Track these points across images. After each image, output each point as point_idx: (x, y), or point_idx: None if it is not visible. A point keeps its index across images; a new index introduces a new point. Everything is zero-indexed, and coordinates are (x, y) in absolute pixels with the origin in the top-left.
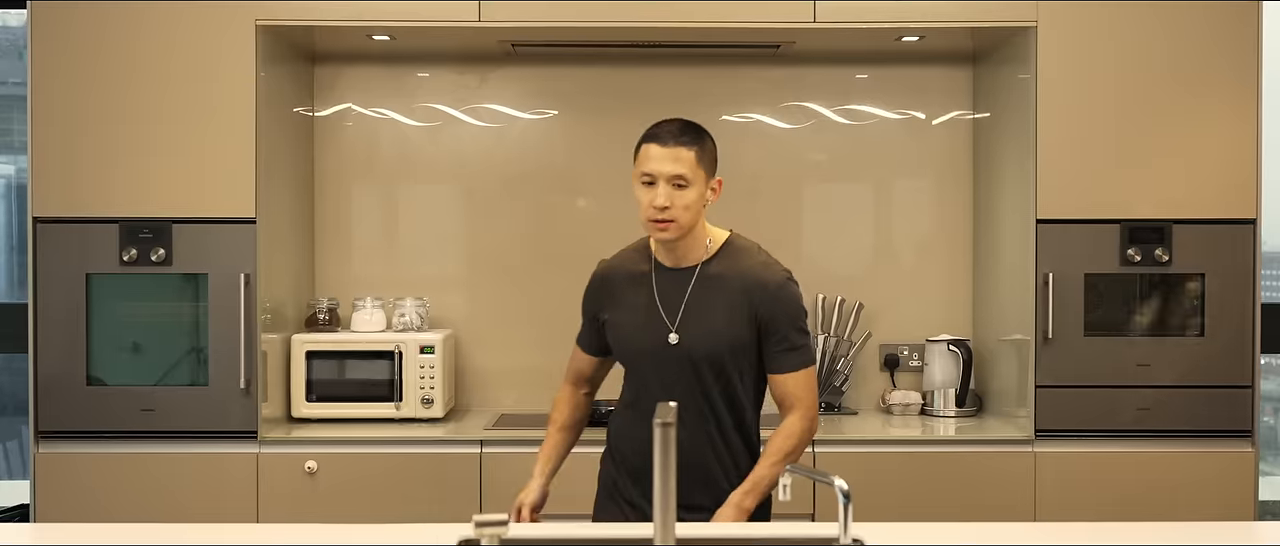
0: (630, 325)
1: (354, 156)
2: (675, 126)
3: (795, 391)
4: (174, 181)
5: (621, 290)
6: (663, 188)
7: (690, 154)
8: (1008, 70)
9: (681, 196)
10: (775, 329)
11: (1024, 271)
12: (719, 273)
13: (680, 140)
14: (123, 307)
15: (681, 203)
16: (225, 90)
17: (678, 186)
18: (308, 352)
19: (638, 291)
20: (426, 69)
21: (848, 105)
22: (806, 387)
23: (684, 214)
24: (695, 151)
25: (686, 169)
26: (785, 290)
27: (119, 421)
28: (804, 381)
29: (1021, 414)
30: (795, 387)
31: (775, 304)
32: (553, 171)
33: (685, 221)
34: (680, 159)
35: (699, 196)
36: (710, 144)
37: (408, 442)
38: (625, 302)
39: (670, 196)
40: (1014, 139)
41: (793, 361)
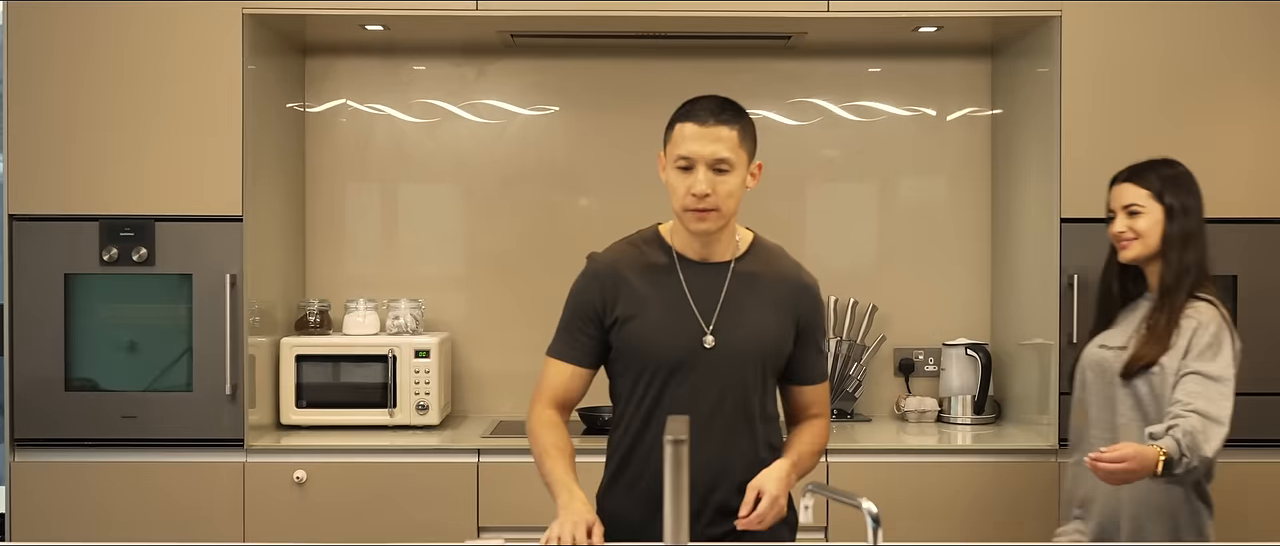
0: (652, 323)
1: (347, 152)
2: (713, 103)
3: (821, 399)
4: (157, 178)
5: (638, 282)
6: (702, 172)
7: (732, 133)
8: (1027, 63)
9: (723, 182)
10: (812, 336)
11: (1047, 272)
12: (755, 271)
13: (720, 118)
14: (103, 309)
15: (724, 189)
16: (211, 82)
17: (718, 171)
18: (297, 356)
19: (661, 287)
20: (422, 61)
21: (858, 101)
22: (828, 399)
23: (727, 201)
24: (737, 131)
25: (728, 150)
26: (816, 291)
27: (99, 428)
28: (825, 390)
29: (1043, 421)
30: (820, 397)
31: (815, 310)
32: (553, 169)
33: (728, 209)
34: (721, 139)
35: (741, 182)
36: (750, 123)
37: (402, 451)
38: (646, 299)
39: (711, 182)
40: (1036, 134)
41: (822, 369)
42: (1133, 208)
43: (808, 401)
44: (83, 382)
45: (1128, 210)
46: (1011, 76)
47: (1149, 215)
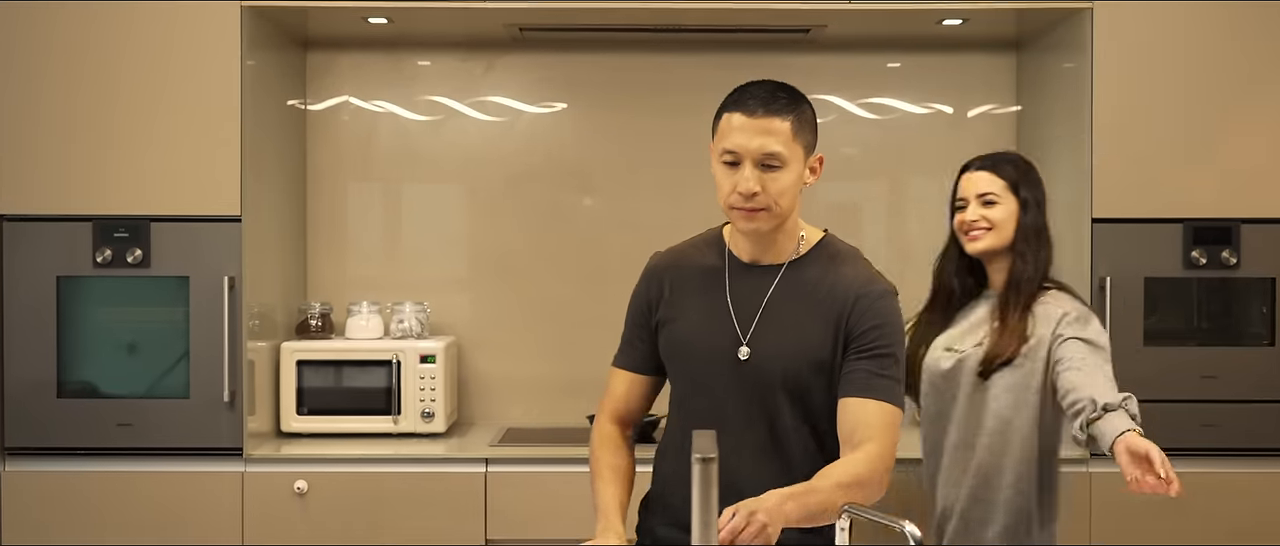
0: (688, 329)
1: (350, 151)
2: (764, 90)
3: (872, 423)
4: (153, 176)
5: (686, 285)
6: (750, 169)
7: (785, 125)
8: (1053, 58)
9: (775, 179)
10: (864, 343)
11: (1077, 275)
12: (809, 278)
13: (770, 108)
14: (97, 313)
15: (776, 187)
16: (209, 77)
17: (769, 167)
18: (298, 362)
19: (706, 289)
20: (427, 56)
21: (876, 97)
22: (887, 426)
23: (779, 199)
24: (791, 121)
25: (781, 144)
26: (885, 302)
27: (93, 436)
28: (886, 416)
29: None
30: (870, 419)
31: (869, 314)
32: (562, 168)
33: (781, 209)
34: (772, 131)
35: (796, 178)
36: (809, 111)
37: (407, 461)
38: (688, 301)
39: (760, 180)
40: (1065, 132)
41: (878, 388)
42: (988, 197)
43: (852, 423)
44: (76, 389)
45: (982, 199)
46: (1037, 72)
47: (1004, 206)
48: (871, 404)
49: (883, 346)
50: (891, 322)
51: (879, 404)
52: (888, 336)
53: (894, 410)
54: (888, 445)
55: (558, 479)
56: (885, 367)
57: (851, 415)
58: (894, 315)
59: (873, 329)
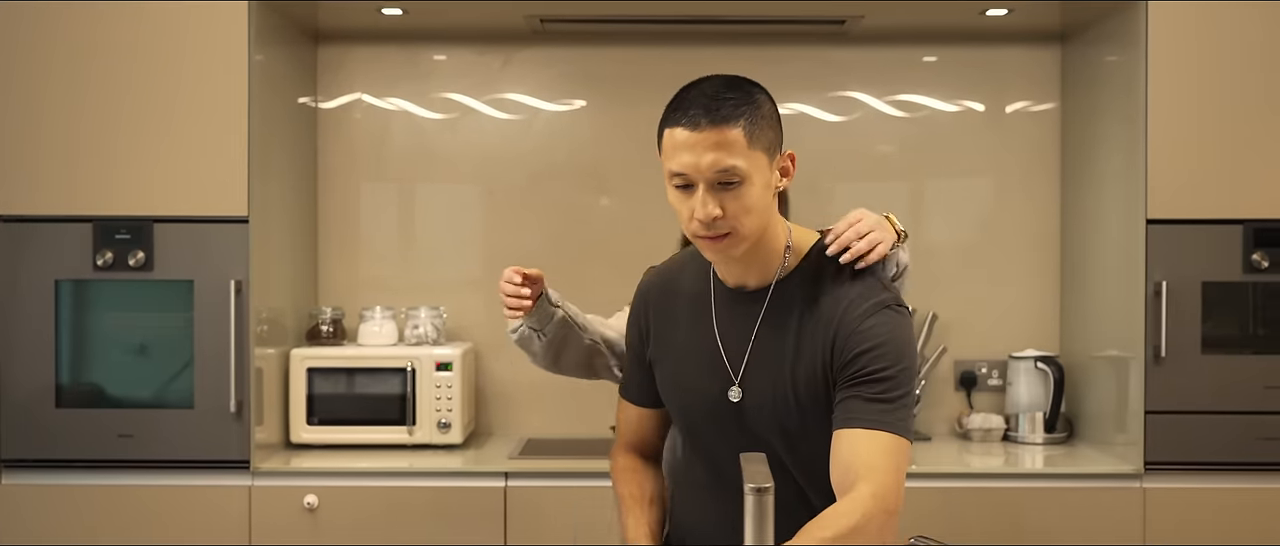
0: (677, 371)
1: (363, 149)
2: (706, 96)
3: (869, 458)
4: (156, 175)
5: (673, 316)
6: (704, 192)
7: (736, 133)
8: (1100, 51)
9: (737, 198)
10: (854, 371)
11: (1129, 279)
12: (797, 298)
13: (718, 115)
14: (97, 318)
15: (737, 205)
16: (215, 72)
17: (725, 185)
18: (309, 369)
19: (693, 322)
20: (443, 51)
21: (912, 92)
22: (886, 457)
23: (745, 219)
24: (743, 126)
25: (736, 157)
26: (880, 318)
27: (93, 448)
28: (880, 446)
29: (1120, 440)
30: (869, 453)
31: (857, 337)
32: (581, 167)
33: (749, 229)
34: (723, 144)
35: (762, 190)
36: (766, 105)
37: (422, 474)
38: (676, 336)
39: (720, 201)
40: (1116, 128)
41: (869, 415)
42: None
43: (843, 462)
44: (76, 398)
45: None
46: (1084, 66)
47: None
48: (862, 435)
49: (876, 371)
50: (888, 341)
51: (871, 434)
52: (883, 358)
53: (892, 439)
54: (885, 482)
55: (582, 493)
56: (883, 392)
57: (841, 451)
58: (893, 331)
59: (863, 353)
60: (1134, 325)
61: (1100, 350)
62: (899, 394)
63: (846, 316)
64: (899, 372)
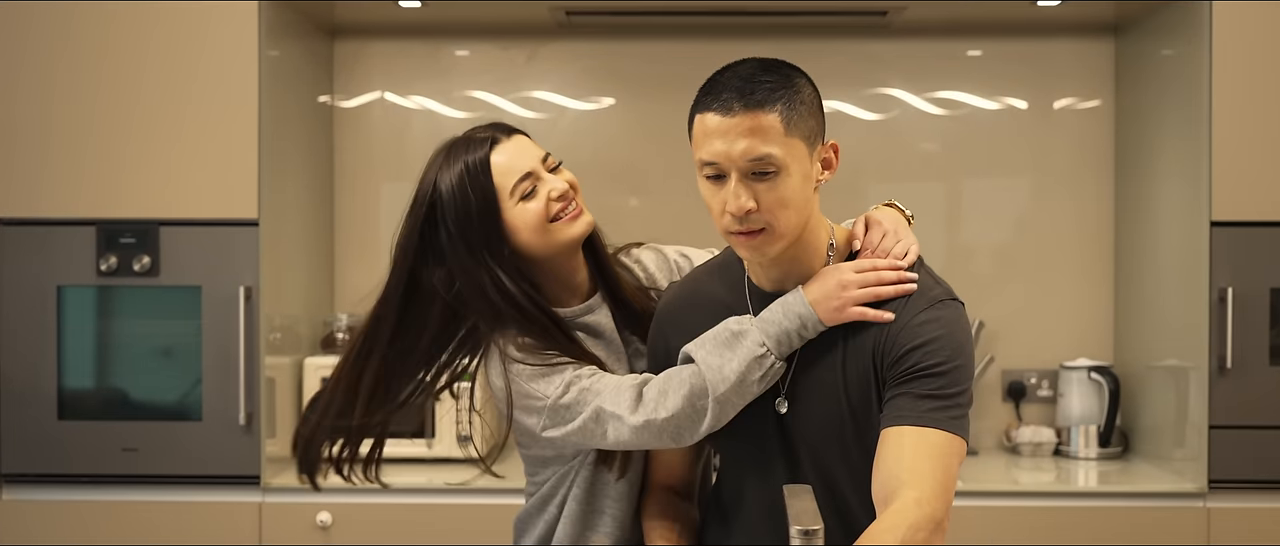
0: None
1: (382, 149)
2: (740, 78)
3: (915, 461)
4: (162, 176)
5: (701, 328)
6: (737, 182)
7: (773, 119)
8: (1156, 45)
9: (772, 189)
10: (903, 369)
11: (1191, 285)
12: None
13: (752, 99)
14: (101, 326)
15: (773, 198)
16: (224, 69)
17: (760, 175)
18: (323, 379)
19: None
20: (465, 45)
21: (955, 87)
22: (936, 458)
23: (781, 214)
24: (780, 112)
25: (770, 144)
26: (931, 315)
27: (96, 463)
28: (933, 447)
29: (1179, 456)
30: (916, 455)
31: (907, 334)
32: (609, 167)
33: (786, 225)
34: (758, 130)
35: (801, 182)
36: (807, 90)
37: (441, 491)
38: None
39: (754, 193)
40: (1176, 126)
41: (918, 412)
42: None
43: (890, 464)
44: (78, 410)
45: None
46: (1139, 60)
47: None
48: (910, 433)
49: (929, 366)
50: (942, 336)
51: (920, 431)
52: (937, 353)
53: (944, 438)
54: (932, 486)
55: None
56: (936, 388)
57: (886, 453)
58: (946, 325)
59: (915, 349)
60: (1196, 333)
61: (1158, 360)
62: (954, 391)
63: (898, 314)
64: (954, 368)
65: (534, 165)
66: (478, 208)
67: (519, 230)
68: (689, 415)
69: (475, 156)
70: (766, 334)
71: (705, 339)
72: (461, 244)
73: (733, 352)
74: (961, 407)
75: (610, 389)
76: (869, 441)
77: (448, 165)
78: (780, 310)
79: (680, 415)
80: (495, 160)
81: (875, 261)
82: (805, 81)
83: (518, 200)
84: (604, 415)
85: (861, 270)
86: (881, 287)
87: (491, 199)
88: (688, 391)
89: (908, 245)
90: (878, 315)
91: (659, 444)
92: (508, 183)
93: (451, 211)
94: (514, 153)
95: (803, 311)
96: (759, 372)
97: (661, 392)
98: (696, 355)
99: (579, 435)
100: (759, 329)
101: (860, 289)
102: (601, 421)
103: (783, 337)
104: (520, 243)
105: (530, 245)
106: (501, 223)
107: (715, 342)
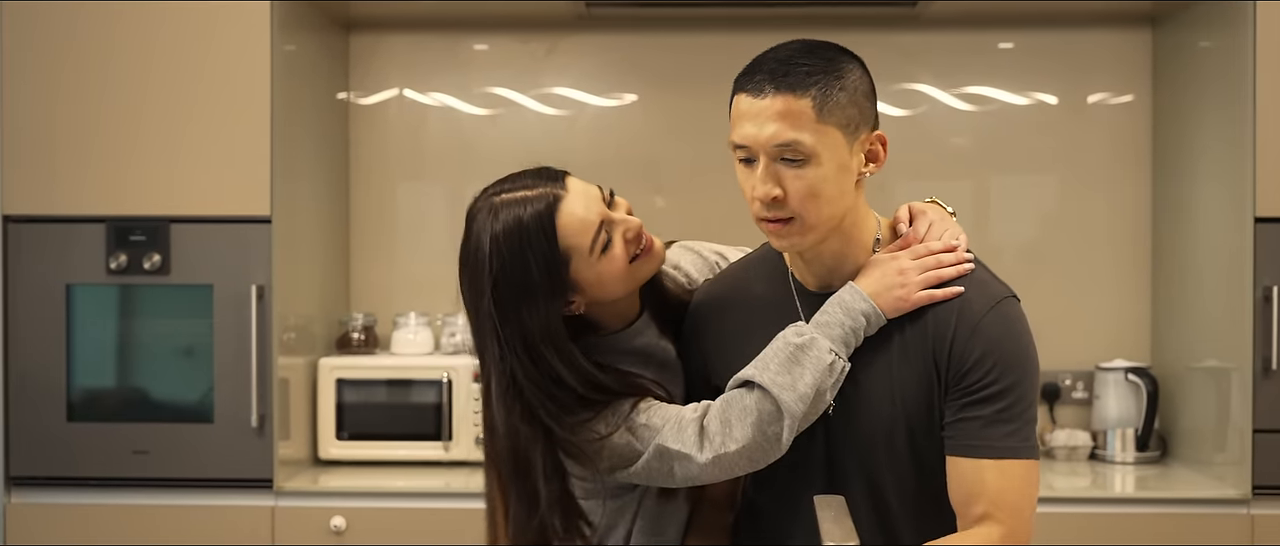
0: None
1: (399, 145)
2: (779, 59)
3: (998, 494)
4: (172, 173)
5: (747, 326)
6: (765, 166)
7: (804, 104)
8: (1192, 36)
9: (800, 177)
10: (969, 383)
11: (1234, 283)
12: None
13: (786, 81)
14: (110, 326)
15: (803, 186)
16: (236, 63)
17: (789, 162)
18: (338, 380)
19: (769, 329)
20: (484, 39)
21: (984, 83)
22: (1016, 490)
23: (810, 205)
24: (813, 97)
25: (802, 131)
26: (994, 317)
27: (106, 466)
28: (1012, 479)
29: (1220, 460)
30: (998, 488)
31: (971, 340)
32: (632, 165)
33: (815, 217)
34: (789, 114)
35: (835, 172)
36: (853, 76)
37: (459, 495)
38: (751, 349)
39: (780, 178)
40: (1217, 119)
41: (988, 441)
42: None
43: (964, 492)
44: (88, 412)
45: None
46: (1178, 52)
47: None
48: (989, 466)
49: (992, 383)
50: (1005, 345)
51: (998, 464)
52: (1000, 367)
53: (1021, 467)
54: (1016, 522)
55: None
56: (1003, 410)
57: (961, 481)
58: (1010, 331)
59: (978, 361)
60: (1239, 333)
61: (1199, 361)
62: (1022, 409)
63: (962, 313)
64: (1018, 383)
65: (602, 209)
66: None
67: (604, 283)
68: (761, 443)
69: (533, 214)
70: (831, 337)
71: (766, 360)
72: (516, 327)
73: (803, 368)
74: (1031, 422)
75: (671, 425)
76: (920, 446)
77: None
78: (840, 310)
79: (752, 445)
80: (563, 221)
81: (928, 244)
82: (852, 67)
83: (599, 256)
84: (668, 454)
85: (918, 255)
86: (942, 270)
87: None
88: (755, 419)
89: (956, 233)
90: (947, 293)
91: (737, 473)
92: (585, 241)
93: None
94: (582, 201)
95: (864, 308)
96: (831, 380)
97: (724, 423)
98: (762, 379)
99: (645, 476)
100: (823, 334)
101: (920, 274)
102: (665, 460)
103: (847, 339)
104: (600, 295)
105: (612, 294)
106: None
107: (780, 361)
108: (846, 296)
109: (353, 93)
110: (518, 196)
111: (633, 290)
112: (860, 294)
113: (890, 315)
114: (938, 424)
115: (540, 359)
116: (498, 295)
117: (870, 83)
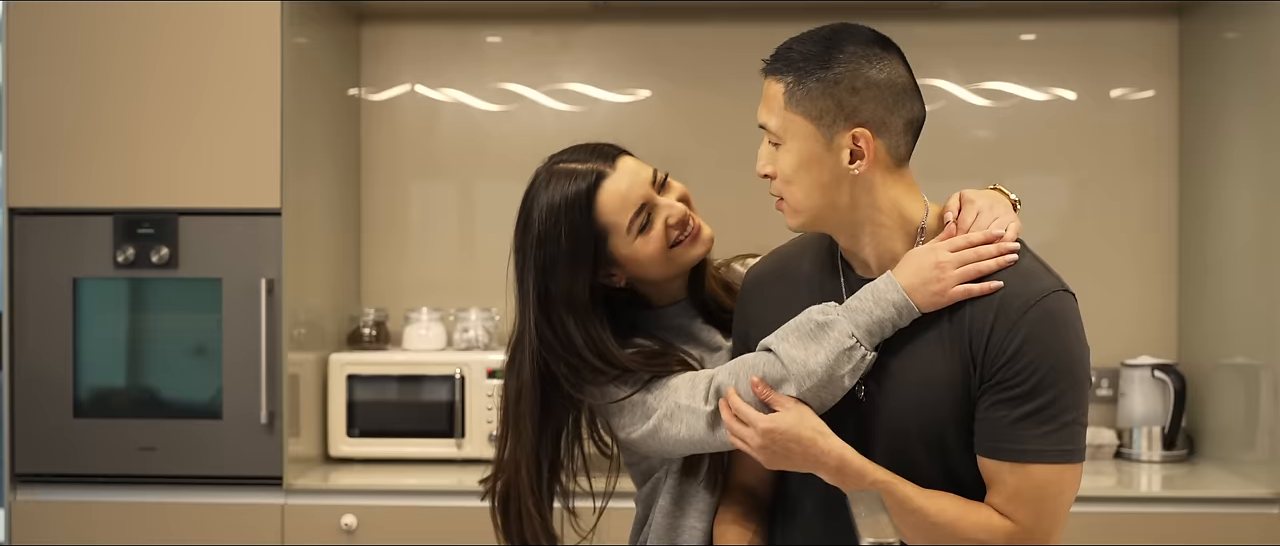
0: None
1: (411, 139)
2: (790, 41)
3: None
4: (181, 164)
5: (783, 301)
6: (764, 143)
7: (776, 88)
8: (1217, 26)
9: (778, 160)
10: (1003, 378)
11: (1264, 278)
12: None
13: (770, 67)
14: (117, 320)
15: (780, 168)
16: (246, 54)
17: (776, 143)
18: (349, 376)
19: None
20: (497, 31)
21: (1004, 77)
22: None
23: (787, 189)
24: (785, 84)
25: (770, 114)
26: (1037, 311)
27: (112, 462)
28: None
29: (1249, 459)
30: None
31: (1009, 334)
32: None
33: (795, 200)
34: (767, 97)
35: (807, 161)
36: (841, 67)
37: (471, 493)
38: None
39: (769, 157)
40: (1245, 112)
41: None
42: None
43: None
44: (94, 408)
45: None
46: (1205, 43)
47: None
48: (1011, 469)
49: (1024, 382)
50: (1045, 342)
51: (1023, 467)
52: (1034, 365)
53: (1044, 471)
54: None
55: None
56: (1036, 413)
57: (990, 481)
58: (1052, 327)
59: (1012, 358)
60: (1269, 330)
61: (1228, 357)
62: (1057, 411)
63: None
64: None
65: (646, 192)
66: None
67: (640, 263)
68: (759, 404)
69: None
70: (856, 323)
71: (787, 330)
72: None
73: (818, 345)
74: (1069, 425)
75: (686, 382)
76: (950, 440)
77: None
78: (871, 298)
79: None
80: (604, 198)
81: (969, 235)
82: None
83: (636, 236)
84: (680, 411)
85: (957, 247)
86: (981, 263)
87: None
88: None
89: (1007, 222)
90: (985, 288)
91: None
92: (623, 219)
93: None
94: (627, 181)
95: (896, 299)
96: (848, 365)
97: (734, 376)
98: (777, 347)
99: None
100: (847, 318)
101: (958, 268)
102: (676, 418)
103: (874, 328)
104: (638, 273)
105: (651, 274)
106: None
107: (798, 334)
108: (881, 285)
109: (364, 88)
110: (570, 168)
111: (675, 274)
112: (894, 284)
113: (926, 309)
114: (969, 419)
115: (558, 322)
116: (535, 256)
117: (881, 77)
